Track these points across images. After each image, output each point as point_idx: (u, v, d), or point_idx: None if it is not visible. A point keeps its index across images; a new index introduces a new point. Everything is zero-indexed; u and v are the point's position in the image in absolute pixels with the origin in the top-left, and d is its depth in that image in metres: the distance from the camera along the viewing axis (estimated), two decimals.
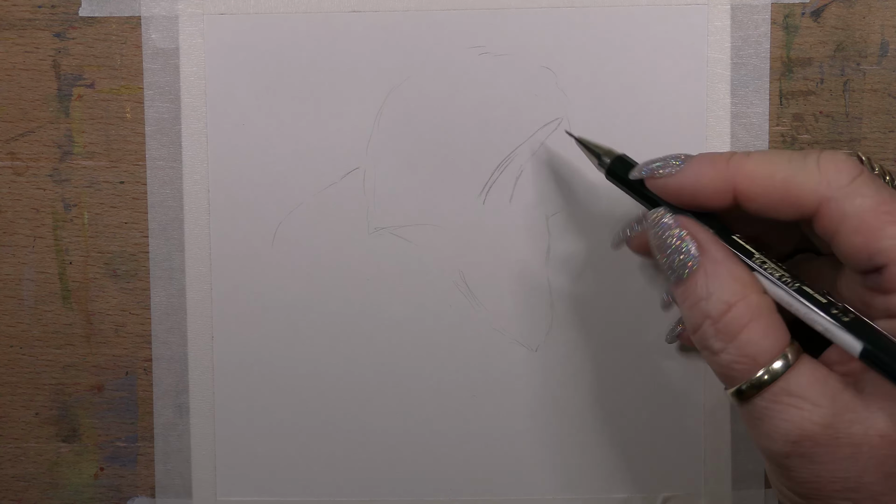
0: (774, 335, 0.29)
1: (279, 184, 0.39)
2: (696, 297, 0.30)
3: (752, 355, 0.29)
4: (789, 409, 0.29)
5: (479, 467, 0.40)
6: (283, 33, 0.39)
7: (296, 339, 0.40)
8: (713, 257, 0.30)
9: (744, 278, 0.30)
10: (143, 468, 0.41)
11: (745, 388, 0.29)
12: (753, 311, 0.29)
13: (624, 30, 0.38)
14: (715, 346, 0.30)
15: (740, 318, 0.29)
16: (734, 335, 0.29)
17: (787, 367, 0.29)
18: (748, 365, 0.29)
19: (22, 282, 0.40)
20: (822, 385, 0.29)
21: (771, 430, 0.29)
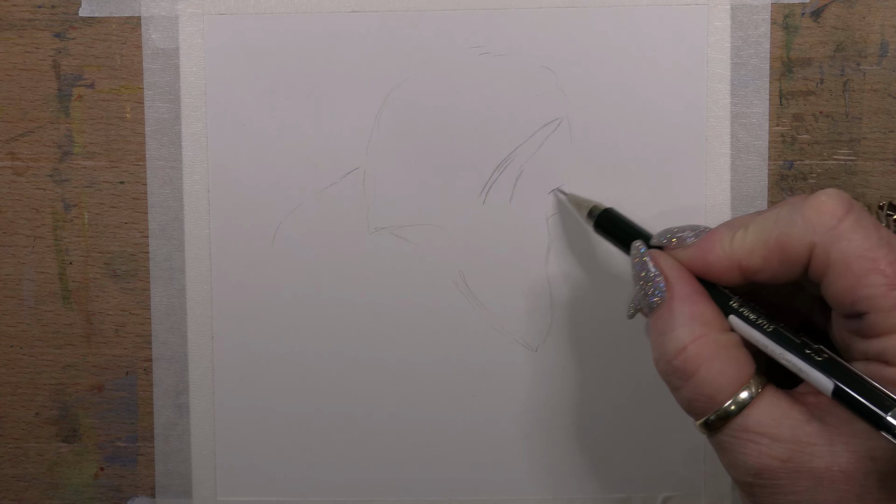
0: (732, 373, 0.30)
1: (279, 184, 0.39)
2: (658, 331, 0.31)
3: (708, 394, 0.30)
4: (748, 444, 0.29)
5: (479, 467, 0.40)
6: (283, 33, 0.39)
7: (296, 339, 0.40)
8: (679, 294, 0.31)
9: (704, 317, 0.30)
10: (143, 468, 0.41)
11: (711, 419, 0.30)
12: (710, 351, 0.30)
13: (624, 30, 0.38)
14: (674, 382, 0.31)
15: (696, 358, 0.30)
16: (690, 374, 0.30)
17: (749, 400, 0.29)
18: (706, 402, 0.30)
19: (22, 282, 0.40)
20: (784, 418, 0.29)
21: (734, 462, 0.30)
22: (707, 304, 0.31)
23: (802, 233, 0.29)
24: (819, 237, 0.29)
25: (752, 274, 0.31)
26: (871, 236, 0.29)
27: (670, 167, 0.38)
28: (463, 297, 0.39)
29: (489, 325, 0.39)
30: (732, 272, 0.31)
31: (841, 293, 0.29)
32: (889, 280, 0.28)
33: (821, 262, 0.29)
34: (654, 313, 0.31)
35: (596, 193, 0.39)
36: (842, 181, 0.38)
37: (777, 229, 0.30)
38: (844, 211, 0.29)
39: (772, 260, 0.30)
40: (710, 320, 0.30)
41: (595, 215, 0.36)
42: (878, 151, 0.38)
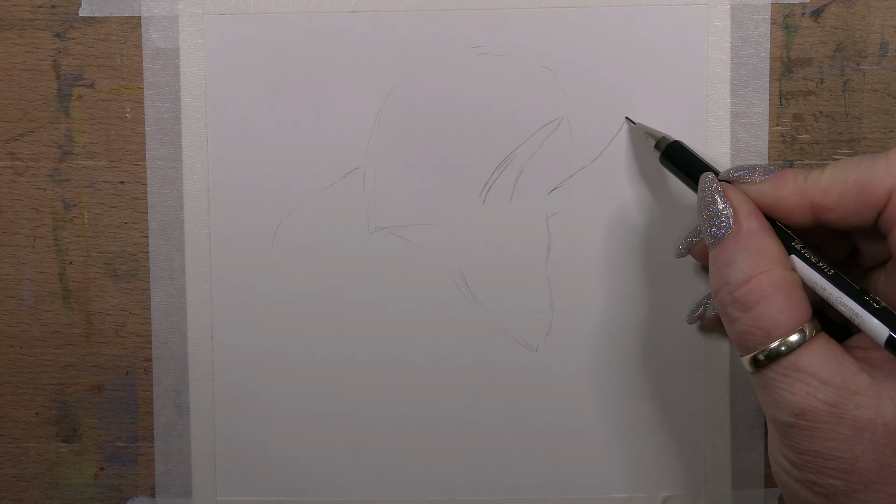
0: (791, 310, 0.30)
1: (279, 184, 0.39)
2: (721, 262, 0.31)
3: (766, 328, 0.30)
4: (797, 383, 0.29)
5: (479, 467, 0.40)
6: (283, 33, 0.39)
7: (296, 339, 0.40)
8: (746, 228, 0.31)
9: (771, 253, 0.31)
10: (143, 468, 0.41)
11: (760, 357, 0.30)
12: (774, 285, 0.30)
13: (624, 30, 0.38)
14: (732, 313, 0.31)
15: (758, 291, 0.30)
16: (750, 306, 0.30)
17: (802, 343, 0.29)
18: (761, 337, 0.30)
19: (22, 282, 0.40)
20: (835, 365, 0.29)
21: (778, 400, 0.30)
22: (773, 241, 0.31)
23: (885, 176, 0.30)
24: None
25: (823, 212, 0.31)
26: None
27: None
28: (463, 297, 0.39)
29: (489, 325, 0.39)
30: (803, 209, 0.31)
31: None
32: None
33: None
34: (719, 244, 0.31)
35: (596, 193, 0.39)
36: None
37: (858, 171, 0.30)
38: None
39: (847, 200, 0.30)
40: (776, 257, 0.31)
41: (663, 147, 0.36)
42: (878, 151, 0.38)
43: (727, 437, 0.39)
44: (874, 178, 0.30)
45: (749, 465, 0.39)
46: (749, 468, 0.39)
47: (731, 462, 0.39)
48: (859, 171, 0.30)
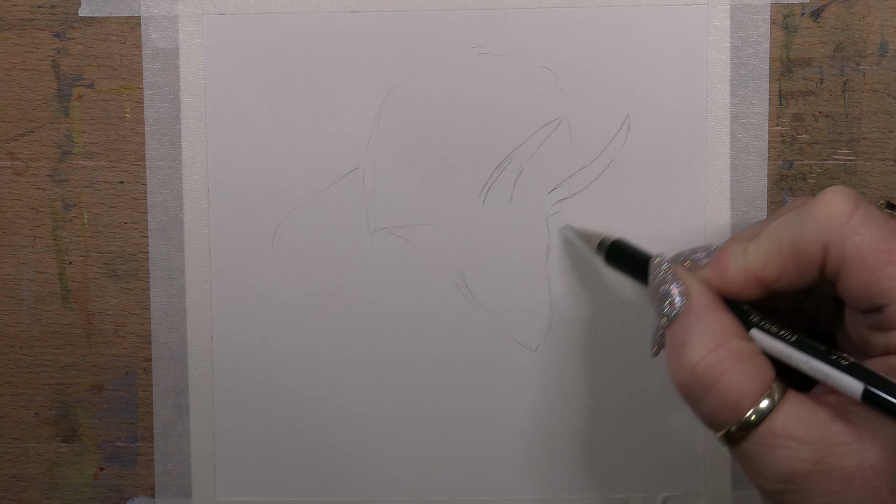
0: (756, 378, 0.29)
1: (279, 184, 0.39)
2: (677, 342, 0.31)
3: (733, 401, 0.29)
4: (777, 449, 0.29)
5: (479, 467, 0.40)
6: (283, 33, 0.39)
7: (295, 339, 0.40)
8: (698, 304, 0.31)
9: (725, 325, 0.30)
10: (143, 468, 0.41)
11: (733, 430, 0.29)
12: (733, 357, 0.30)
13: (624, 30, 0.38)
14: (695, 394, 0.30)
15: (718, 365, 0.29)
16: (713, 382, 0.29)
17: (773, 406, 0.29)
18: (731, 411, 0.29)
19: (22, 282, 0.40)
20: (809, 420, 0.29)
21: (762, 471, 0.29)
22: (726, 314, 0.31)
23: (814, 234, 0.29)
24: (832, 235, 0.29)
25: (770, 284, 0.31)
26: (882, 229, 0.29)
27: (670, 167, 0.38)
28: (463, 297, 0.39)
29: (489, 325, 0.39)
30: (750, 285, 0.31)
31: (859, 288, 0.29)
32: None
33: (836, 261, 0.29)
34: (673, 325, 0.31)
35: (596, 193, 0.39)
36: (841, 181, 0.39)
37: (789, 235, 0.30)
38: (853, 206, 0.29)
39: (788, 266, 0.30)
40: (730, 329, 0.30)
41: (605, 247, 0.36)
42: (877, 151, 0.38)
43: None
44: (805, 239, 0.29)
45: None
46: None
47: (731, 462, 0.39)
48: (790, 235, 0.30)
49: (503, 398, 0.40)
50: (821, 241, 0.29)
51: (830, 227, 0.29)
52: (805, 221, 0.30)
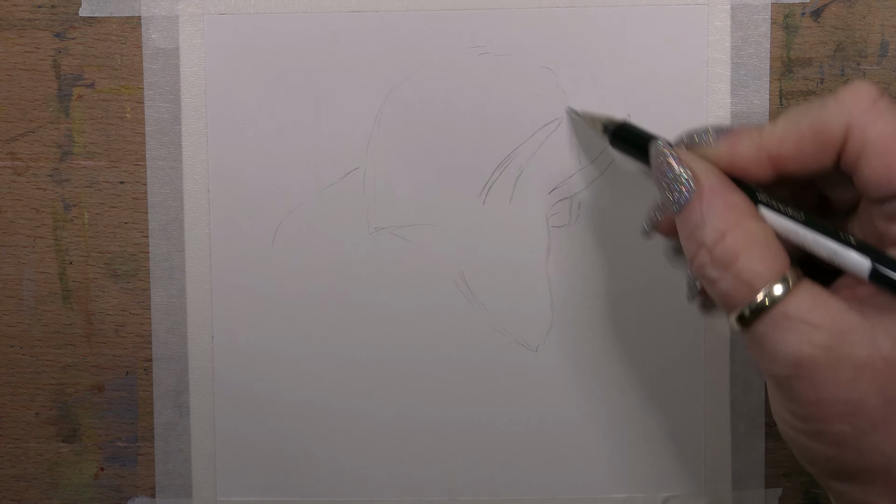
0: (771, 260, 0.29)
1: (279, 184, 0.39)
2: (692, 225, 0.30)
3: (748, 281, 0.29)
4: (789, 332, 0.28)
5: (479, 467, 0.40)
6: (283, 33, 0.39)
7: (296, 339, 0.40)
8: (710, 186, 0.30)
9: (739, 206, 0.30)
10: (143, 468, 0.41)
11: (746, 313, 0.29)
12: (749, 238, 0.29)
13: (624, 30, 0.38)
14: (711, 274, 0.30)
15: (734, 245, 0.29)
16: (729, 262, 0.29)
17: (787, 291, 0.29)
18: (745, 291, 0.29)
19: (22, 282, 0.40)
20: (824, 307, 0.28)
21: (773, 354, 0.29)
22: (739, 195, 0.30)
23: (838, 115, 0.29)
24: (855, 118, 0.29)
25: (783, 163, 0.30)
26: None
27: None
28: (463, 297, 0.39)
29: (489, 325, 0.39)
30: (762, 164, 0.30)
31: (878, 173, 0.29)
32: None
33: (857, 143, 0.29)
34: (685, 210, 0.30)
35: (595, 193, 0.39)
36: None
37: (810, 115, 0.30)
38: (878, 94, 0.29)
39: (804, 146, 0.30)
40: (745, 210, 0.30)
41: (611, 130, 0.35)
42: None
43: (727, 437, 0.39)
44: (827, 119, 0.29)
45: (749, 465, 0.39)
46: (749, 468, 0.39)
47: (731, 462, 0.39)
48: (812, 115, 0.30)
49: (503, 398, 0.40)
50: (844, 122, 0.29)
51: (855, 110, 0.29)
52: (829, 104, 0.29)
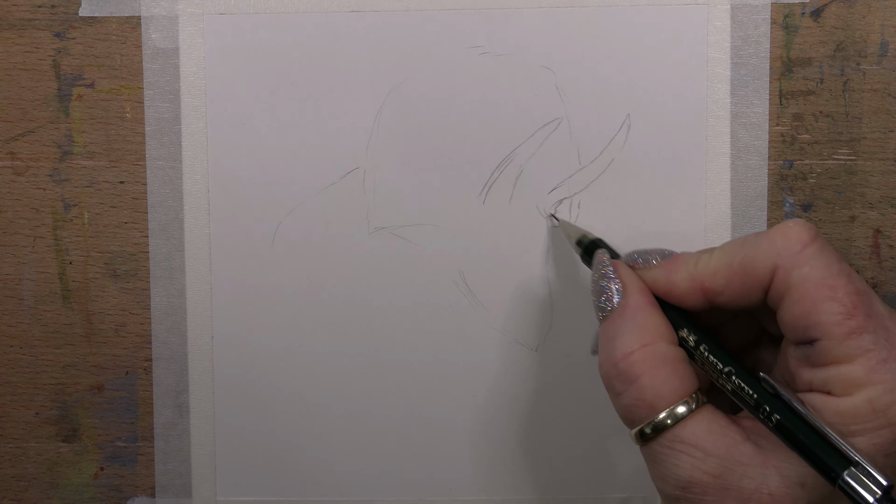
0: (676, 383, 0.30)
1: (279, 184, 0.39)
2: (608, 336, 0.31)
3: (649, 400, 0.30)
4: (682, 455, 0.29)
5: (479, 467, 0.40)
6: (283, 33, 0.39)
7: (296, 339, 0.40)
8: (633, 304, 0.31)
9: (655, 327, 0.31)
10: (143, 468, 0.41)
11: (647, 430, 0.30)
12: (657, 358, 0.30)
13: (624, 30, 0.38)
14: (616, 387, 0.31)
15: (641, 363, 0.30)
16: (633, 378, 0.30)
17: (687, 415, 0.30)
18: (645, 409, 0.30)
19: (22, 282, 0.40)
20: (719, 435, 0.29)
21: (664, 474, 0.30)
22: (659, 317, 0.31)
23: (766, 255, 0.30)
24: (782, 260, 0.30)
25: (714, 295, 0.31)
26: (832, 265, 0.29)
27: (670, 167, 0.38)
28: (463, 297, 0.39)
29: (489, 325, 0.39)
30: (695, 293, 0.31)
31: (797, 318, 0.29)
32: (845, 310, 0.28)
33: (781, 285, 0.30)
34: (607, 319, 0.32)
35: (595, 193, 0.39)
36: (842, 181, 0.38)
37: (742, 252, 0.30)
38: (810, 238, 0.30)
39: (734, 282, 0.30)
40: (660, 331, 0.31)
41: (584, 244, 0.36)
42: (878, 151, 0.38)
43: None
44: (757, 258, 0.30)
45: None
46: None
47: None
48: (744, 252, 0.30)
49: (503, 398, 0.40)
50: (771, 263, 0.30)
51: (783, 253, 0.30)
52: (761, 242, 0.30)
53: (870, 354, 0.28)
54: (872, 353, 0.28)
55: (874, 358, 0.28)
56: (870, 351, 0.28)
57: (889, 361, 0.28)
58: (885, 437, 0.28)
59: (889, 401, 0.28)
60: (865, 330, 0.28)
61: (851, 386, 0.28)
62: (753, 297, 0.30)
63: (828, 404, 0.29)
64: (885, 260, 0.39)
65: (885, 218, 0.39)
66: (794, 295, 0.29)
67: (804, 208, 0.39)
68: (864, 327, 0.28)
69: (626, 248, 0.38)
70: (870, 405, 0.28)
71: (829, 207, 0.39)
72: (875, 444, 0.28)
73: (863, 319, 0.28)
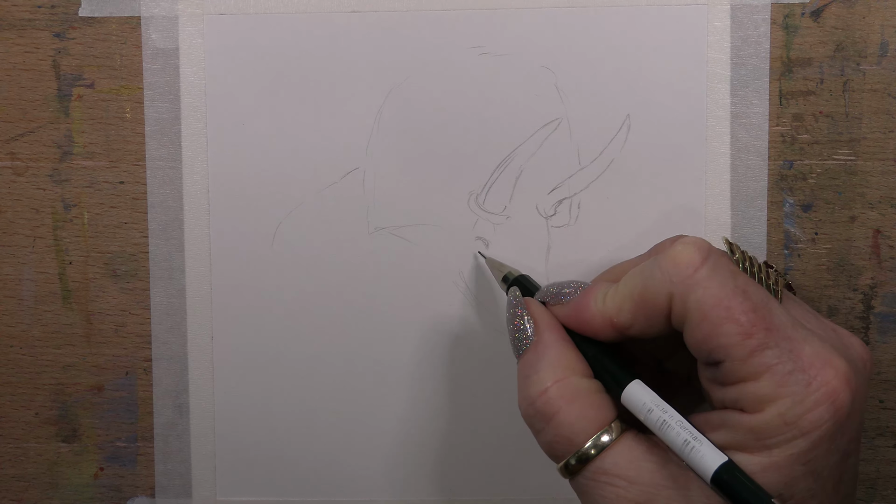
0: (591, 416, 0.30)
1: (279, 184, 0.39)
2: (523, 375, 0.32)
3: (567, 436, 0.30)
4: (606, 486, 0.30)
5: (480, 467, 0.40)
6: (283, 33, 0.39)
7: (295, 339, 0.40)
8: (546, 340, 0.32)
9: (567, 362, 0.31)
10: (143, 468, 0.41)
11: (572, 461, 0.30)
12: (571, 393, 0.31)
13: (624, 30, 0.38)
14: (536, 424, 0.31)
15: (556, 400, 0.31)
16: (550, 416, 0.31)
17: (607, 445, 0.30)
18: (564, 445, 0.30)
19: (22, 282, 0.40)
20: (641, 461, 0.30)
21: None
22: (571, 351, 0.32)
23: (661, 284, 0.30)
24: (676, 287, 0.29)
25: (624, 329, 0.31)
26: (726, 284, 0.29)
27: (670, 167, 0.38)
28: (463, 297, 0.39)
29: (489, 325, 0.39)
30: (606, 328, 0.31)
31: (698, 342, 0.29)
32: (743, 329, 0.28)
33: (679, 312, 0.29)
34: (522, 357, 0.32)
35: (595, 193, 0.39)
36: (842, 181, 0.39)
37: (639, 283, 0.30)
38: (701, 260, 0.29)
39: (639, 315, 0.30)
40: (573, 365, 0.31)
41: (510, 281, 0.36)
42: (878, 151, 0.38)
43: None
44: (653, 288, 0.30)
45: None
46: None
47: None
48: (642, 283, 0.30)
49: (503, 398, 0.40)
50: (666, 293, 0.30)
51: (675, 279, 0.29)
52: (654, 271, 0.30)
53: (774, 369, 0.28)
54: (776, 366, 0.28)
55: (779, 372, 0.28)
56: (774, 366, 0.28)
57: (795, 373, 0.28)
58: (800, 447, 0.28)
59: (799, 412, 0.28)
60: (767, 346, 0.28)
61: (761, 402, 0.28)
62: (659, 326, 0.30)
63: (741, 421, 0.29)
64: (885, 260, 0.39)
65: (885, 218, 0.39)
66: (692, 320, 0.29)
67: (804, 208, 0.39)
68: (765, 344, 0.28)
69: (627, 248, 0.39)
70: (781, 419, 0.28)
71: (829, 207, 0.39)
72: (791, 454, 0.28)
73: (763, 336, 0.28)
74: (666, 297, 0.30)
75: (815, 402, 0.28)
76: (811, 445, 0.28)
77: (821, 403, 0.28)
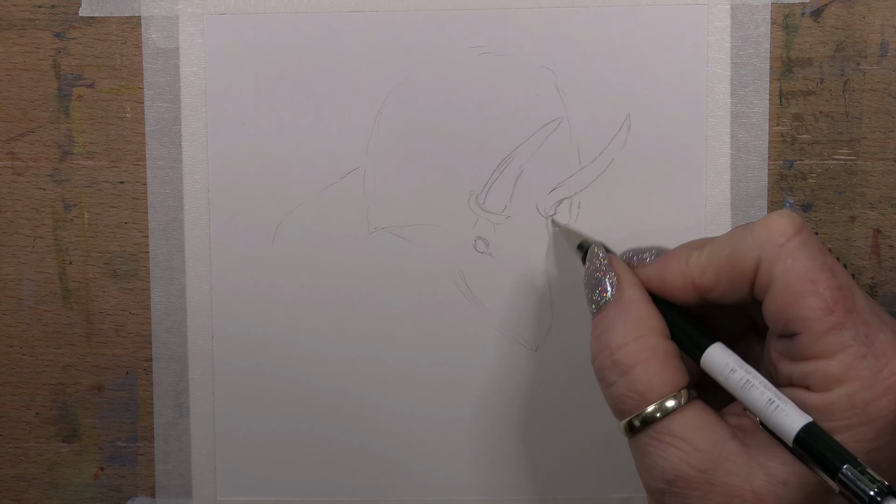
0: (668, 376, 0.30)
1: (279, 184, 0.39)
2: (602, 328, 0.32)
3: (641, 391, 0.30)
4: (669, 448, 0.30)
5: (480, 467, 0.40)
6: (283, 33, 0.39)
7: (296, 339, 0.40)
8: (628, 297, 0.32)
9: (649, 321, 0.31)
10: (143, 468, 0.41)
11: (636, 422, 0.30)
12: (651, 350, 0.31)
13: (624, 30, 0.38)
14: (609, 377, 0.31)
15: (636, 354, 0.31)
16: (627, 369, 0.31)
17: (677, 408, 0.30)
18: (636, 400, 0.30)
19: (22, 282, 0.40)
20: (707, 431, 0.30)
21: (651, 466, 0.30)
22: (652, 310, 0.32)
23: (751, 249, 0.30)
24: (766, 253, 0.30)
25: (705, 292, 0.31)
26: (815, 258, 0.29)
27: (670, 167, 0.38)
28: (463, 297, 0.39)
29: (489, 325, 0.39)
30: (687, 290, 0.31)
31: (778, 311, 0.29)
32: (826, 304, 0.28)
33: (764, 279, 0.30)
34: (601, 311, 0.32)
35: (596, 193, 0.39)
36: (842, 181, 0.39)
37: (728, 247, 0.31)
38: (794, 231, 0.30)
39: (722, 277, 0.31)
40: (654, 324, 0.31)
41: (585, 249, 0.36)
42: (878, 151, 0.38)
43: None
44: (742, 252, 0.30)
45: None
46: None
47: None
48: (730, 247, 0.30)
49: (503, 398, 0.40)
50: (755, 257, 0.30)
51: (766, 245, 0.30)
52: (745, 236, 0.30)
53: (848, 350, 0.28)
54: (851, 348, 0.28)
55: (852, 354, 0.28)
56: (848, 347, 0.28)
57: (868, 357, 0.28)
58: (864, 435, 0.28)
59: (868, 397, 0.28)
60: (845, 326, 0.28)
61: (829, 382, 0.28)
62: (742, 291, 0.31)
63: (806, 399, 0.29)
64: (885, 260, 0.39)
65: (885, 218, 0.39)
66: (776, 288, 0.29)
67: (804, 208, 0.39)
68: (843, 323, 0.28)
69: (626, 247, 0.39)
70: (848, 401, 0.28)
71: (829, 207, 0.39)
72: (856, 441, 0.28)
73: (843, 315, 0.28)
74: (754, 261, 0.30)
75: (884, 389, 0.28)
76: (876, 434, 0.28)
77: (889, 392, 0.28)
